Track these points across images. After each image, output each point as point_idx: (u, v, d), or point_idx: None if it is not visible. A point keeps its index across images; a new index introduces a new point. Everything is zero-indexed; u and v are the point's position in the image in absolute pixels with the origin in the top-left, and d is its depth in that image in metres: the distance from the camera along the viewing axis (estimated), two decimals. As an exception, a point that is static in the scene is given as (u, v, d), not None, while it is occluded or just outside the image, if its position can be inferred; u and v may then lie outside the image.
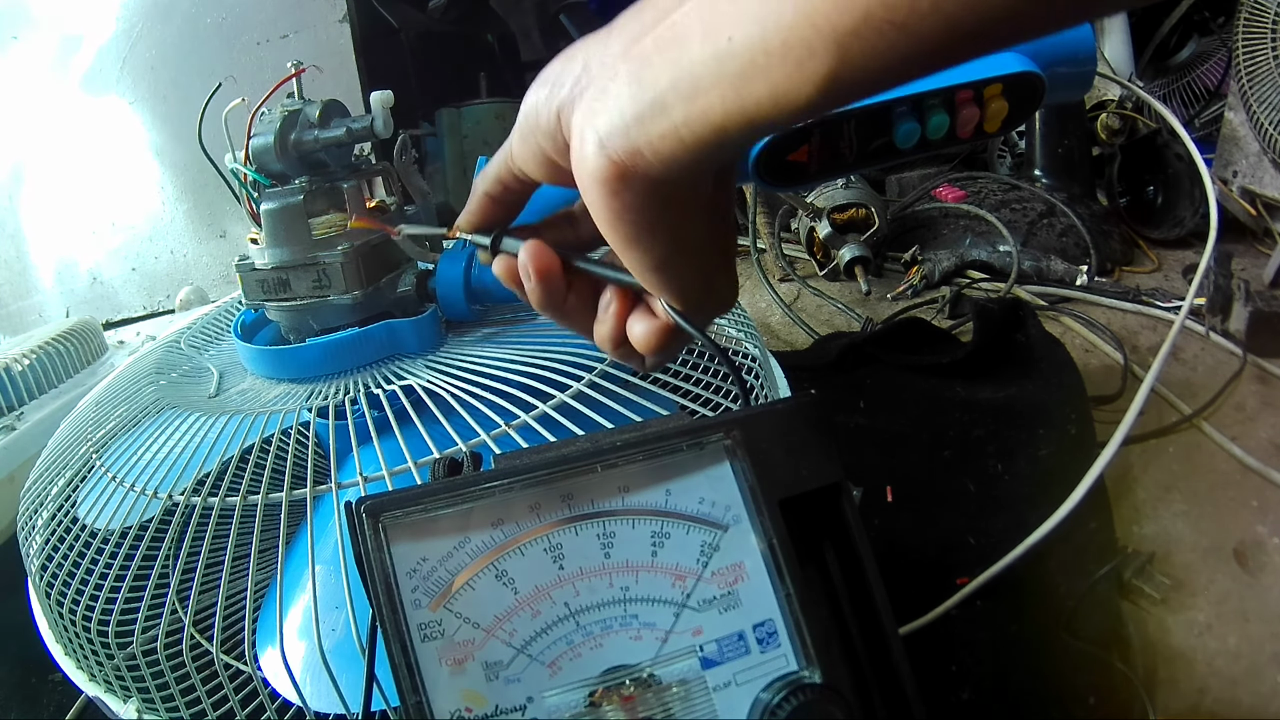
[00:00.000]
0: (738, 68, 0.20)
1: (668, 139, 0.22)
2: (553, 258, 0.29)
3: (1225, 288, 0.93)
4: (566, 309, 0.30)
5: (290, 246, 0.53)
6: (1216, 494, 0.71)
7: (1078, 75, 0.39)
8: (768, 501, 0.27)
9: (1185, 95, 1.44)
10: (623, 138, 0.22)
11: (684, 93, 0.21)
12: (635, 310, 0.29)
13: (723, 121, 0.21)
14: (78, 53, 1.41)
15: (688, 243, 0.25)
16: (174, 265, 1.50)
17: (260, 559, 0.42)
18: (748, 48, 0.20)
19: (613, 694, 0.25)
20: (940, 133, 0.34)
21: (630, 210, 0.23)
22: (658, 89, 0.21)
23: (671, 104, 0.21)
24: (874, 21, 0.18)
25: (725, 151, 0.22)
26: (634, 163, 0.22)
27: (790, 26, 0.19)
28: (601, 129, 0.22)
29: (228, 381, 0.58)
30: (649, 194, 0.23)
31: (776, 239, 1.27)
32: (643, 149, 0.22)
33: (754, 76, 0.20)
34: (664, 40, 0.21)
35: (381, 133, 0.53)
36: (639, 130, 0.22)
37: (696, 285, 0.26)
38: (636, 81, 0.22)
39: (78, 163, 1.45)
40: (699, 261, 0.26)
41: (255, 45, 1.39)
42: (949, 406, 0.85)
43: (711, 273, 0.27)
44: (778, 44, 0.19)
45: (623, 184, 0.23)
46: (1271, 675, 0.55)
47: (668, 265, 0.25)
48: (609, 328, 0.30)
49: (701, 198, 0.25)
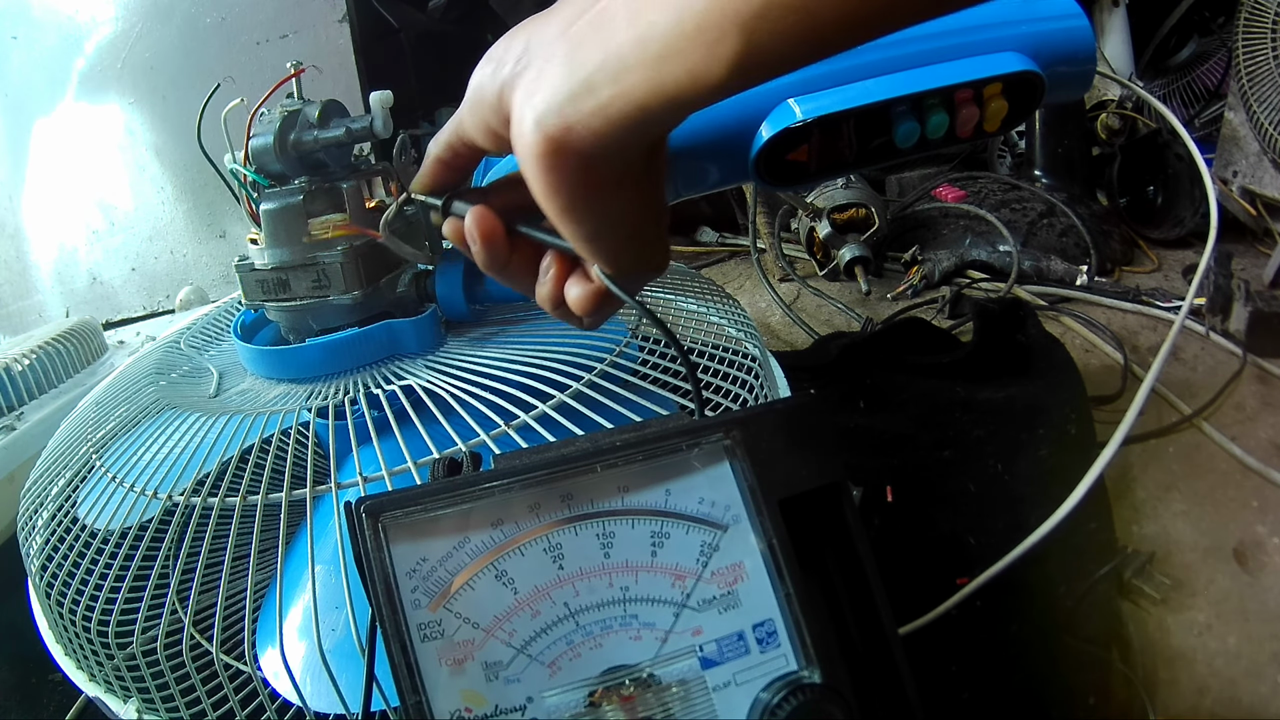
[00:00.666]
0: (657, 50, 0.22)
1: (596, 116, 0.23)
2: (496, 223, 0.31)
3: (1225, 288, 0.93)
4: (510, 270, 0.32)
5: (290, 247, 0.53)
6: (1216, 494, 0.71)
7: (1077, 74, 0.39)
8: (767, 501, 0.27)
9: (1185, 95, 1.44)
10: (557, 116, 0.24)
11: (610, 73, 0.23)
12: (572, 274, 0.31)
13: (645, 100, 0.22)
14: (77, 53, 1.41)
15: (619, 214, 0.27)
16: (174, 265, 1.50)
17: (260, 559, 0.42)
18: (665, 32, 0.21)
19: (612, 694, 0.25)
20: (940, 132, 0.34)
21: (564, 184, 0.25)
22: (587, 69, 0.23)
23: (599, 84, 0.23)
24: (776, 5, 0.20)
25: (650, 128, 0.24)
26: (566, 139, 0.24)
27: (702, 11, 0.21)
28: (538, 107, 0.24)
29: (227, 382, 0.58)
30: (581, 168, 0.25)
31: (776, 239, 1.27)
32: (574, 126, 0.23)
33: (671, 58, 0.22)
34: (594, 24, 0.23)
35: (381, 133, 0.53)
36: (571, 108, 0.23)
37: (627, 253, 0.28)
38: (569, 62, 0.23)
39: (78, 163, 1.45)
40: (630, 231, 0.27)
41: (255, 45, 1.39)
42: (949, 406, 0.85)
43: (643, 241, 0.28)
44: (692, 28, 0.21)
45: (557, 159, 0.24)
46: (1271, 675, 0.55)
47: (600, 235, 0.27)
48: (548, 290, 0.32)
49: (632, 172, 0.26)
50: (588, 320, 0.32)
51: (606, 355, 0.50)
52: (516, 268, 0.32)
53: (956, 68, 0.34)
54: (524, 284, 0.33)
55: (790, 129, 0.34)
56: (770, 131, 0.34)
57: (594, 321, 0.32)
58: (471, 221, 0.31)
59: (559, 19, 0.25)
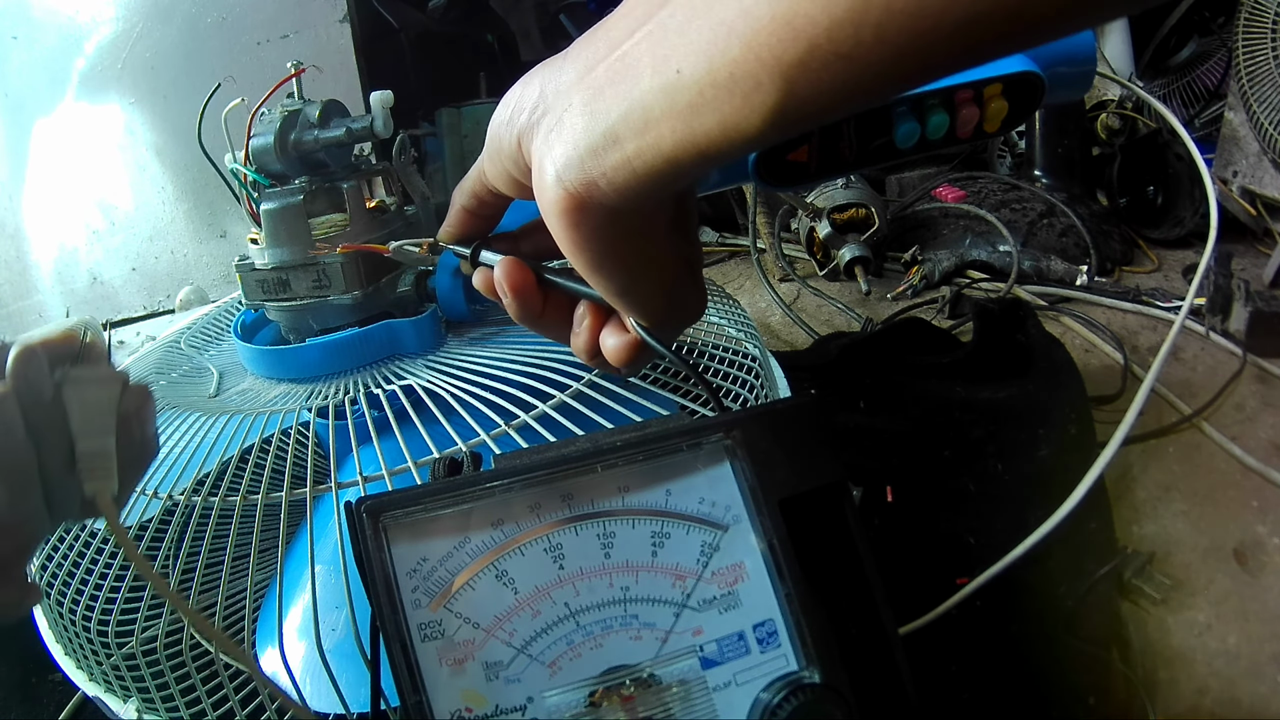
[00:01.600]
0: (687, 100, 0.20)
1: (621, 170, 0.22)
2: (526, 274, 0.30)
3: (1225, 288, 0.93)
4: (543, 320, 0.31)
5: (290, 247, 0.53)
6: (1216, 494, 0.71)
7: (1078, 75, 0.39)
8: (768, 501, 0.27)
9: (1185, 95, 1.44)
10: (578, 170, 0.22)
11: (635, 125, 0.21)
12: (608, 324, 0.30)
13: (674, 153, 0.21)
14: (77, 53, 1.41)
15: (650, 266, 0.26)
16: (174, 265, 1.50)
17: (260, 559, 0.42)
18: (695, 80, 0.20)
19: (613, 694, 0.25)
20: (940, 133, 0.34)
21: (590, 240, 0.24)
22: (609, 120, 0.22)
23: (623, 136, 0.21)
24: (820, 54, 0.18)
25: (679, 180, 0.22)
26: (590, 194, 0.23)
27: (737, 60, 0.19)
28: (558, 161, 0.23)
29: (228, 382, 0.58)
30: (607, 224, 0.23)
31: (776, 239, 1.27)
32: (598, 180, 0.22)
33: (702, 108, 0.20)
34: (615, 72, 0.22)
35: (381, 133, 0.53)
36: (593, 162, 0.22)
37: (661, 304, 0.27)
38: (589, 113, 0.22)
39: (78, 162, 1.45)
40: (662, 281, 0.26)
41: (256, 45, 1.39)
42: (949, 406, 0.85)
43: (676, 290, 0.27)
44: (725, 77, 0.19)
45: (581, 215, 0.23)
46: (1271, 675, 0.55)
47: (631, 289, 0.26)
48: (584, 340, 0.30)
49: (661, 222, 0.25)
50: (625, 370, 0.30)
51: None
52: (550, 318, 0.31)
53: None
54: (558, 333, 0.31)
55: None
56: (770, 131, 0.34)
57: (632, 370, 0.31)
58: (501, 273, 0.30)
59: (575, 64, 0.24)
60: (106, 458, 0.31)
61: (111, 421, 0.31)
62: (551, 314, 0.31)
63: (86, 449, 0.31)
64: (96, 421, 0.31)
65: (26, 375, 0.29)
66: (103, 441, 0.31)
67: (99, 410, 0.31)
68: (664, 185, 0.22)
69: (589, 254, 0.24)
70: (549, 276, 0.30)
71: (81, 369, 0.31)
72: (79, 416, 0.31)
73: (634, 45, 0.21)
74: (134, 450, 0.32)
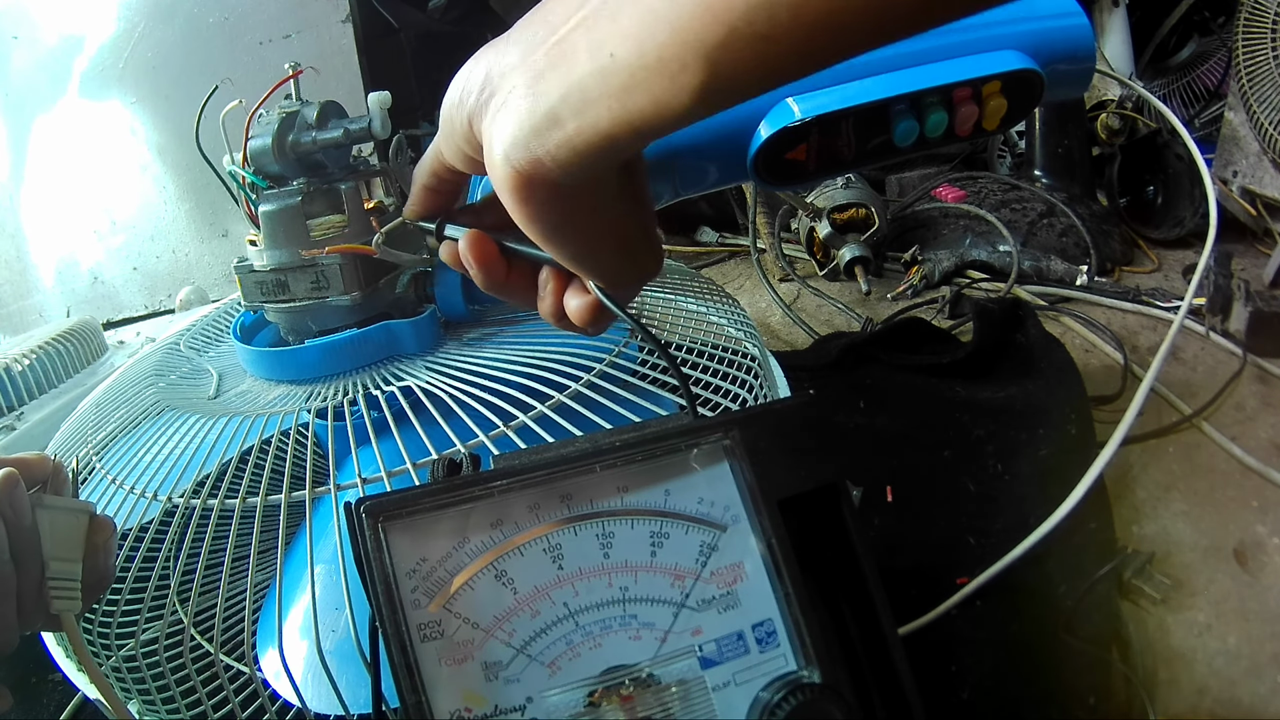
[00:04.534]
0: (620, 82, 0.22)
1: (563, 148, 0.23)
2: (489, 244, 0.32)
3: (1225, 288, 0.93)
4: (510, 288, 0.32)
5: (288, 248, 0.53)
6: (1216, 494, 0.71)
7: (1077, 73, 0.39)
8: (767, 501, 0.27)
9: (1185, 95, 1.44)
10: (523, 149, 0.24)
11: (574, 105, 0.23)
12: (570, 287, 0.31)
13: (611, 130, 0.22)
14: (78, 53, 1.41)
15: (600, 232, 0.27)
16: (175, 265, 1.50)
17: (260, 560, 0.42)
18: (627, 63, 0.21)
19: (612, 694, 0.25)
20: (939, 130, 0.34)
21: (540, 213, 0.25)
22: (550, 102, 0.23)
23: (563, 116, 0.23)
24: (739, 35, 0.20)
25: (618, 154, 0.24)
26: (536, 171, 0.24)
27: (664, 44, 0.21)
28: (505, 141, 0.24)
29: (227, 383, 0.58)
30: (555, 198, 0.25)
31: (776, 239, 1.27)
32: (542, 158, 0.24)
33: (635, 89, 0.22)
34: (554, 55, 0.23)
35: (379, 133, 0.53)
36: (537, 141, 0.23)
37: (615, 266, 0.29)
38: (532, 94, 0.23)
39: (78, 163, 1.45)
40: (615, 246, 0.28)
41: (258, 45, 1.39)
42: (949, 406, 0.85)
43: (630, 252, 0.29)
44: (653, 59, 0.21)
45: (529, 191, 0.25)
46: (1271, 675, 0.55)
47: (585, 255, 0.28)
48: (549, 304, 0.32)
49: (608, 192, 0.27)
50: (590, 330, 0.32)
51: (605, 356, 0.50)
52: (515, 284, 0.32)
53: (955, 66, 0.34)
54: (525, 300, 0.33)
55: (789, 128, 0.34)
56: (769, 130, 0.34)
57: (597, 330, 0.33)
58: (465, 245, 0.31)
59: (516, 48, 0.25)
60: (73, 581, 0.34)
61: (79, 550, 0.35)
62: (516, 280, 0.32)
63: (57, 571, 0.34)
64: (66, 547, 0.35)
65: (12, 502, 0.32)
66: (71, 566, 0.34)
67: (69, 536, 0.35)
68: (604, 160, 0.24)
69: (541, 225, 0.26)
70: (510, 246, 0.32)
71: (53, 496, 0.34)
72: (50, 540, 0.34)
73: (570, 30, 0.23)
74: (96, 576, 0.35)
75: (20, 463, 0.34)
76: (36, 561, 0.33)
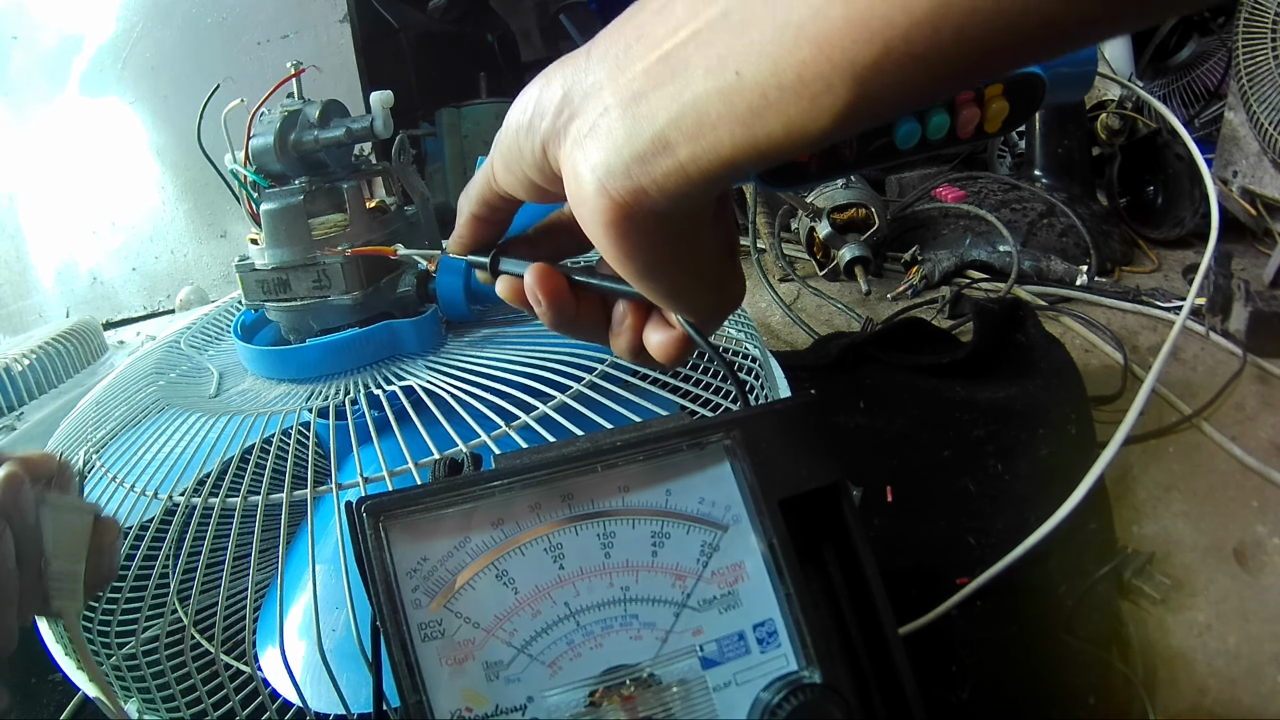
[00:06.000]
0: (748, 103, 0.19)
1: (673, 176, 0.21)
2: (559, 279, 0.28)
3: (1225, 288, 0.93)
4: (578, 324, 0.30)
5: (290, 247, 0.53)
6: (1216, 494, 0.71)
7: (1078, 75, 0.39)
8: (768, 501, 0.27)
9: (1185, 95, 1.44)
10: (624, 178, 0.21)
11: (688, 130, 0.20)
12: (650, 320, 0.29)
13: (732, 156, 0.20)
14: (77, 53, 1.41)
15: (699, 263, 0.25)
16: (175, 265, 1.50)
17: (260, 559, 0.42)
18: (758, 83, 0.19)
19: (613, 694, 0.25)
20: (940, 133, 0.34)
21: (640, 247, 0.23)
22: (657, 125, 0.21)
23: (676, 141, 0.20)
24: (894, 55, 0.18)
25: (733, 180, 0.22)
26: (639, 201, 0.22)
27: (806, 62, 0.18)
28: (599, 169, 0.22)
29: (228, 382, 0.58)
30: (656, 229, 0.23)
31: (776, 239, 1.27)
32: (647, 188, 0.21)
33: (765, 111, 0.19)
34: (659, 73, 0.21)
35: (381, 133, 0.53)
36: (641, 169, 0.21)
37: (709, 299, 0.27)
38: (632, 117, 0.21)
39: (78, 163, 1.45)
40: (710, 276, 0.26)
41: (256, 45, 1.39)
42: (949, 406, 0.85)
43: (722, 282, 0.27)
44: (792, 79, 0.19)
45: (629, 224, 0.22)
46: (1271, 675, 0.55)
47: (681, 290, 0.26)
48: (626, 341, 0.29)
49: (707, 217, 0.25)
50: (671, 366, 0.30)
51: (607, 356, 0.50)
52: (584, 319, 0.29)
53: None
54: (594, 335, 0.30)
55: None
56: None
57: (675, 365, 0.30)
58: (534, 281, 0.28)
59: (602, 65, 0.22)
60: (75, 580, 0.34)
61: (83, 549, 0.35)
62: (585, 314, 0.29)
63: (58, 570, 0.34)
64: (69, 546, 0.34)
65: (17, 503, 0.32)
66: (74, 566, 0.34)
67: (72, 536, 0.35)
68: (718, 187, 0.22)
69: (639, 261, 0.24)
70: (583, 279, 0.29)
71: (57, 495, 0.34)
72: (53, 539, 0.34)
73: (679, 45, 0.20)
74: (99, 576, 0.35)
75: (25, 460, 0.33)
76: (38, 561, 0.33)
